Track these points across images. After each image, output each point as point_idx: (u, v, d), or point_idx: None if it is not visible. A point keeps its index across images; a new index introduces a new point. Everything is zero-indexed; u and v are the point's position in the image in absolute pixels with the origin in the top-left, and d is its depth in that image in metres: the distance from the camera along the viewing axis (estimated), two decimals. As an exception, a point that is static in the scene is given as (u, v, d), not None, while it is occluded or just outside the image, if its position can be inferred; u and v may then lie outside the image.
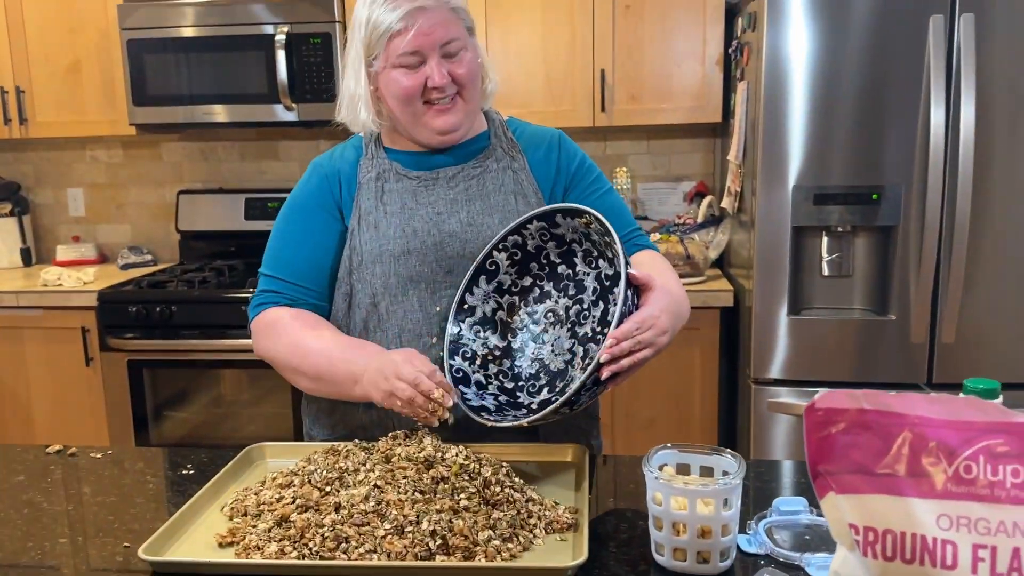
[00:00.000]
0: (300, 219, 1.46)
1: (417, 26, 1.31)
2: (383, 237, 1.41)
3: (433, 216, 1.41)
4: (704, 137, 3.29)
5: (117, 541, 1.11)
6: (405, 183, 1.44)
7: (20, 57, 3.19)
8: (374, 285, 1.41)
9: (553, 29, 2.93)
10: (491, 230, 1.40)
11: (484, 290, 1.40)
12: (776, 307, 2.48)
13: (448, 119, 1.38)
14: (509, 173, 1.45)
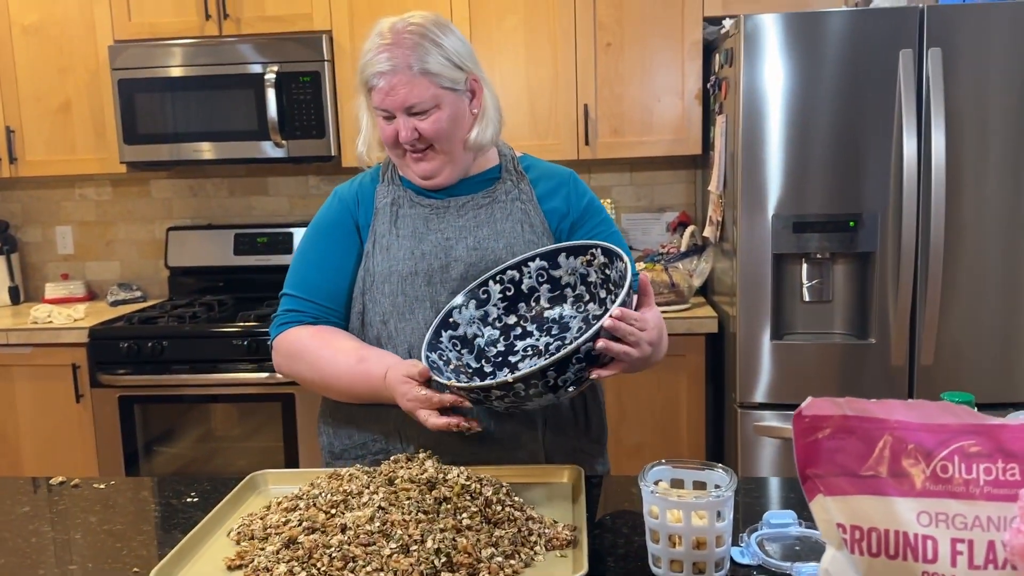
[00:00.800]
0: (322, 241, 1.56)
1: (383, 87, 1.42)
2: (393, 259, 1.49)
3: (442, 241, 1.49)
4: (685, 168, 3.37)
5: (126, 567, 1.13)
6: (418, 210, 1.52)
7: (11, 97, 3.23)
8: (384, 304, 1.49)
9: (537, 66, 3.02)
10: (496, 255, 1.47)
11: (471, 314, 1.45)
12: (759, 332, 2.54)
13: (423, 167, 1.49)
14: (517, 204, 1.53)
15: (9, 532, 1.26)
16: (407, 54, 1.40)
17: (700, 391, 2.82)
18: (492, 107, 1.53)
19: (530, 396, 1.22)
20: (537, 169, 1.59)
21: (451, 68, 1.44)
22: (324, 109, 3.03)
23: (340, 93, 3.08)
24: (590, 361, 1.22)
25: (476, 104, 1.50)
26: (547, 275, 1.44)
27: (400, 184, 1.56)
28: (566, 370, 1.20)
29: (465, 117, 1.48)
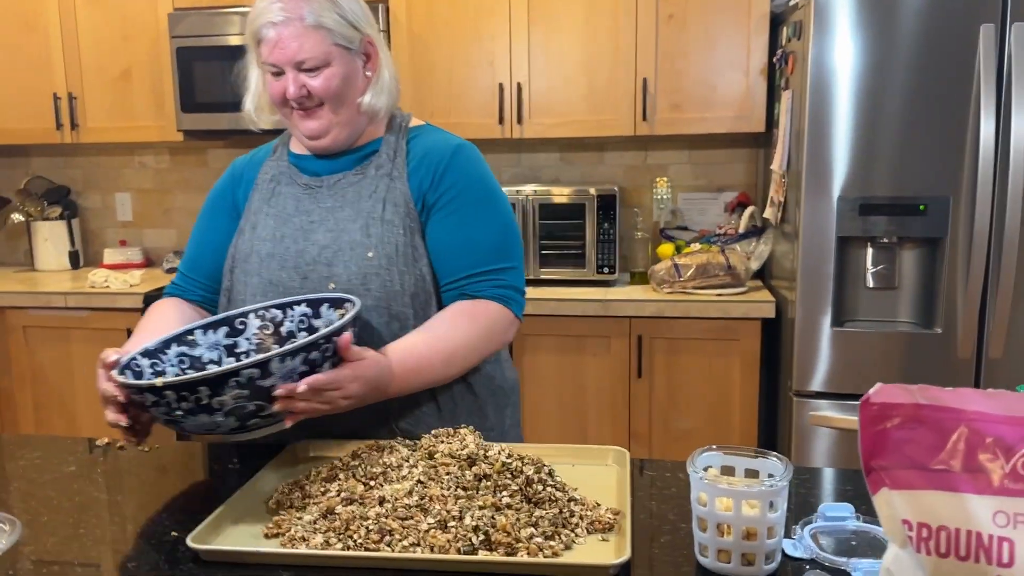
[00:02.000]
0: (204, 217, 1.57)
1: (273, 39, 1.36)
2: (257, 239, 1.46)
3: (306, 224, 1.44)
4: (747, 147, 3.27)
5: (165, 530, 1.13)
6: (294, 188, 1.48)
7: (73, 65, 3.28)
8: (245, 283, 1.46)
9: (596, 39, 2.95)
10: (350, 237, 1.41)
11: (217, 339, 1.38)
12: (819, 319, 2.45)
13: (310, 124, 1.42)
14: (385, 180, 1.44)
15: (54, 491, 1.26)
16: (300, 6, 1.35)
17: (754, 377, 2.74)
18: (388, 74, 1.46)
19: (182, 411, 1.12)
20: (423, 141, 1.48)
21: (345, 26, 1.38)
22: (379, 80, 3.00)
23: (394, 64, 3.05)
24: (263, 395, 1.13)
25: (371, 67, 1.44)
26: (308, 323, 1.37)
27: (286, 160, 1.51)
28: (221, 392, 1.11)
29: (358, 78, 1.42)
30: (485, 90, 3.03)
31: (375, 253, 1.39)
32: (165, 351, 1.33)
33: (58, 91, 3.30)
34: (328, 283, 1.40)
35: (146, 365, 1.29)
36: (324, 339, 1.15)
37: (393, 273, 1.39)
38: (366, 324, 1.39)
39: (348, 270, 1.39)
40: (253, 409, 1.14)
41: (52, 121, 3.31)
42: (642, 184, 3.34)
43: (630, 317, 2.77)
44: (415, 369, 1.32)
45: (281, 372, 1.12)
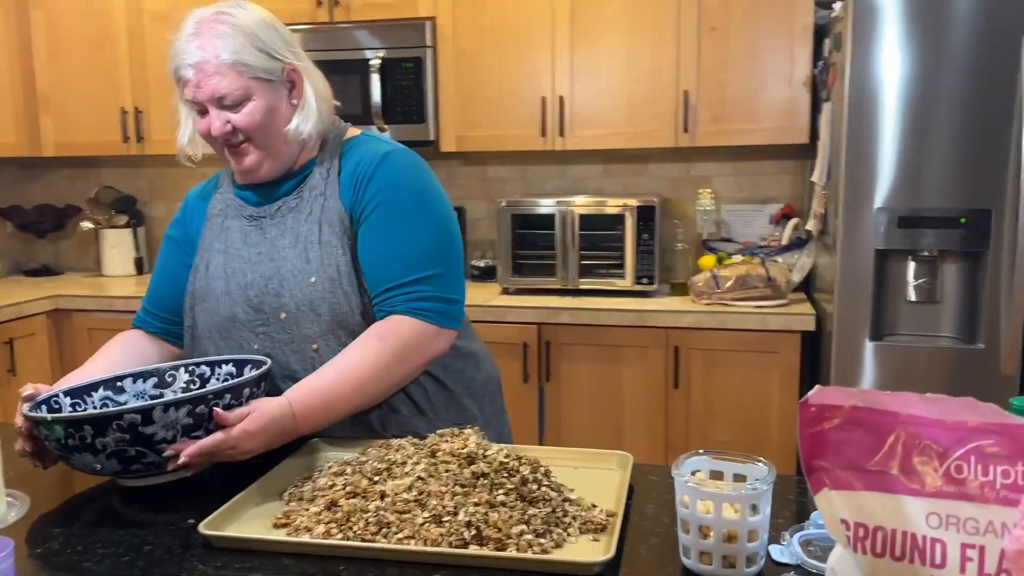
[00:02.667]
0: (162, 251, 1.60)
1: (191, 78, 1.37)
2: (211, 276, 1.49)
3: (253, 257, 1.46)
4: (792, 159, 3.24)
5: (183, 517, 1.20)
6: (239, 222, 1.50)
7: (140, 79, 3.44)
8: (206, 320, 1.48)
9: (638, 52, 2.97)
10: (291, 264, 1.43)
11: (144, 389, 1.42)
12: (858, 332, 2.43)
13: (242, 161, 1.43)
14: (320, 200, 1.45)
15: (80, 475, 1.34)
16: (216, 44, 1.36)
17: (793, 391, 2.72)
18: (316, 96, 1.46)
19: (69, 447, 1.18)
20: (353, 153, 1.48)
21: (264, 58, 1.39)
22: (425, 95, 3.08)
23: (441, 79, 3.13)
24: (145, 443, 1.18)
25: (296, 95, 1.45)
26: (232, 379, 1.38)
27: (232, 191, 1.53)
28: (104, 434, 1.16)
29: (282, 108, 1.43)
30: (528, 103, 3.08)
31: (317, 277, 1.41)
32: (91, 393, 1.39)
33: (125, 105, 3.46)
34: (280, 313, 1.42)
35: (66, 403, 1.36)
36: (212, 395, 1.21)
37: (339, 295, 1.41)
38: (327, 349, 1.41)
39: (295, 298, 1.41)
40: (134, 455, 1.19)
41: (119, 134, 3.48)
42: (686, 195, 3.34)
43: (667, 328, 2.77)
44: (323, 405, 1.33)
45: (163, 422, 1.17)
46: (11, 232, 3.90)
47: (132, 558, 1.07)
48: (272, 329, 1.43)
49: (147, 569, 1.04)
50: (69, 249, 4.04)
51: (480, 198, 3.51)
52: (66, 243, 4.03)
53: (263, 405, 1.27)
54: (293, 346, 1.42)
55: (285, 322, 1.42)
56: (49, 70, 3.52)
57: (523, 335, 2.88)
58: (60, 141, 3.57)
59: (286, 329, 1.42)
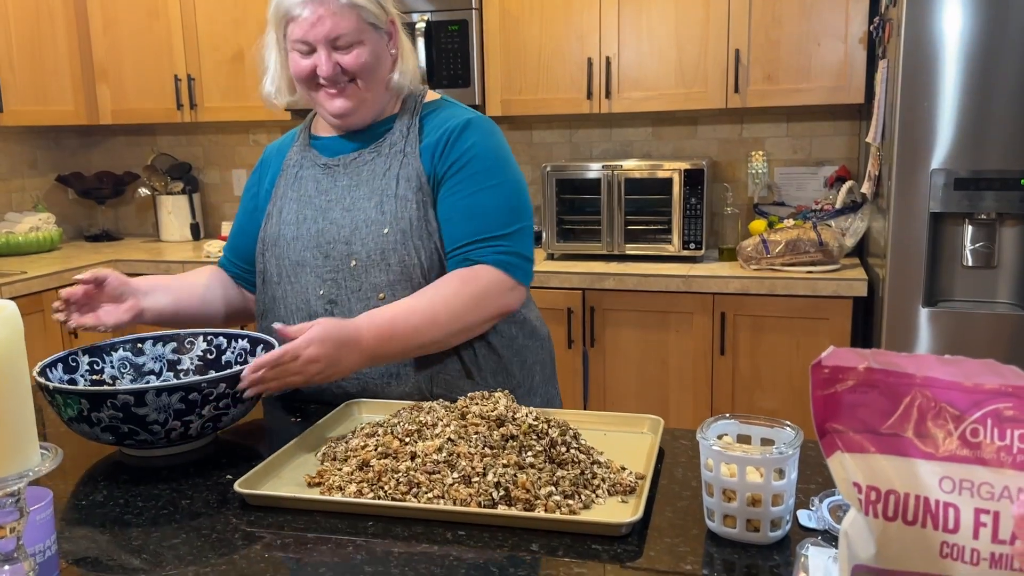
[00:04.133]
0: (241, 202, 1.67)
1: (307, 17, 1.39)
2: (283, 223, 1.53)
3: (324, 204, 1.50)
4: (847, 119, 3.15)
5: (221, 473, 1.23)
6: (314, 171, 1.54)
7: (192, 47, 3.50)
8: (275, 265, 1.54)
9: (687, 10, 2.90)
10: (366, 215, 1.46)
11: (162, 352, 1.46)
12: (911, 298, 2.36)
13: (337, 103, 1.45)
14: (399, 157, 1.48)
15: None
16: None
17: (843, 356, 2.66)
18: (409, 51, 1.51)
19: (68, 416, 1.23)
20: (435, 116, 1.51)
21: (376, 4, 1.43)
22: (470, 58, 3.07)
23: (487, 42, 3.11)
24: (138, 422, 1.21)
25: (393, 45, 1.48)
26: (245, 356, 1.44)
27: (308, 143, 1.57)
28: (99, 410, 1.19)
29: (386, 56, 1.46)
30: (574, 65, 3.04)
31: (390, 229, 1.44)
32: (111, 352, 1.44)
33: (178, 73, 3.52)
34: (350, 260, 1.46)
35: (84, 361, 1.41)
36: (206, 383, 1.23)
37: (409, 248, 1.44)
38: (393, 298, 1.45)
39: (366, 247, 1.45)
40: (127, 431, 1.22)
41: (173, 101, 3.55)
42: (737, 158, 3.28)
43: (714, 294, 2.74)
44: (390, 327, 1.36)
45: (156, 405, 1.20)
46: (73, 199, 4.02)
47: (170, 512, 1.11)
48: (340, 276, 1.47)
49: (184, 523, 1.08)
50: (128, 215, 4.15)
51: (526, 163, 3.50)
52: (125, 209, 4.14)
53: (321, 319, 1.31)
54: (360, 294, 1.46)
55: (354, 270, 1.46)
56: (104, 39, 3.60)
57: (568, 301, 2.87)
58: (117, 109, 3.65)
59: (354, 277, 1.46)
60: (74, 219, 4.07)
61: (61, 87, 3.52)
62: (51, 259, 3.39)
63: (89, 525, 1.08)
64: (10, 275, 3.01)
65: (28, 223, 3.54)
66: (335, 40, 1.41)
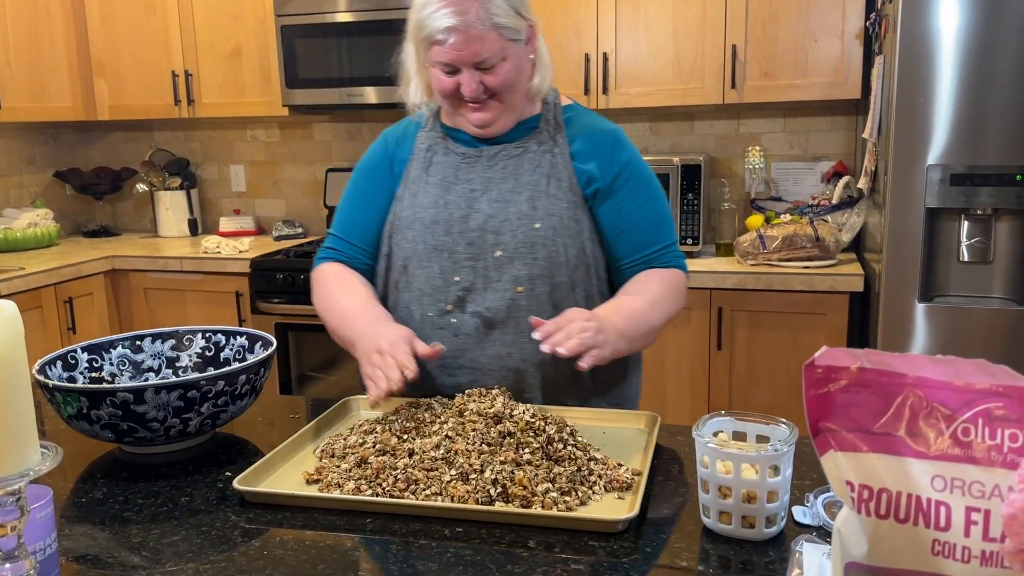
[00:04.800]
0: (360, 183, 1.61)
1: (452, 43, 1.37)
2: (419, 205, 1.51)
3: (467, 192, 1.49)
4: (844, 115, 3.16)
5: (220, 470, 1.24)
6: (451, 158, 1.52)
7: (189, 43, 3.49)
8: (406, 249, 1.51)
9: (684, 6, 2.91)
10: (516, 208, 1.46)
11: (159, 349, 1.49)
12: (907, 293, 2.37)
13: (482, 116, 1.46)
14: (548, 156, 1.49)
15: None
16: (475, 6, 1.36)
17: (840, 352, 2.67)
18: (545, 52, 1.50)
19: (67, 414, 1.24)
20: (578, 123, 1.53)
21: (515, 17, 1.40)
22: (468, 53, 3.06)
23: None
24: (137, 419, 1.22)
25: (531, 49, 1.46)
26: (243, 354, 1.46)
27: (439, 131, 1.55)
28: (99, 407, 1.20)
29: (526, 65, 1.46)
30: (571, 61, 3.05)
31: (541, 224, 1.45)
32: (110, 350, 1.46)
33: (176, 69, 3.52)
34: (495, 250, 1.45)
35: (83, 359, 1.42)
36: (205, 380, 1.24)
37: (558, 244, 1.45)
38: (531, 294, 1.45)
39: (515, 239, 1.45)
40: (126, 429, 1.23)
41: (171, 97, 3.55)
42: (734, 153, 3.28)
43: (710, 289, 2.74)
44: (618, 304, 1.43)
45: (155, 403, 1.21)
46: (70, 194, 4.02)
47: (169, 509, 1.11)
48: (481, 264, 1.46)
49: (183, 519, 1.08)
50: (126, 210, 4.15)
51: (525, 158, 3.49)
52: (123, 204, 4.14)
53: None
54: (498, 285, 1.45)
55: (499, 260, 1.45)
56: (102, 34, 3.60)
57: (566, 295, 2.87)
58: (114, 105, 3.65)
59: (497, 267, 1.45)
60: (72, 215, 4.07)
61: (59, 83, 3.51)
62: (49, 255, 3.39)
63: (89, 522, 1.09)
64: (8, 271, 3.02)
65: (26, 219, 3.54)
66: (480, 64, 1.40)
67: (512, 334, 1.45)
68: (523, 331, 1.43)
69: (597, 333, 1.30)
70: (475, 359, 1.45)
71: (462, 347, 1.46)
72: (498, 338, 1.45)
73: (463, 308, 1.46)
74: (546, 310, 1.44)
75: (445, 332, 1.47)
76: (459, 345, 1.46)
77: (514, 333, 1.45)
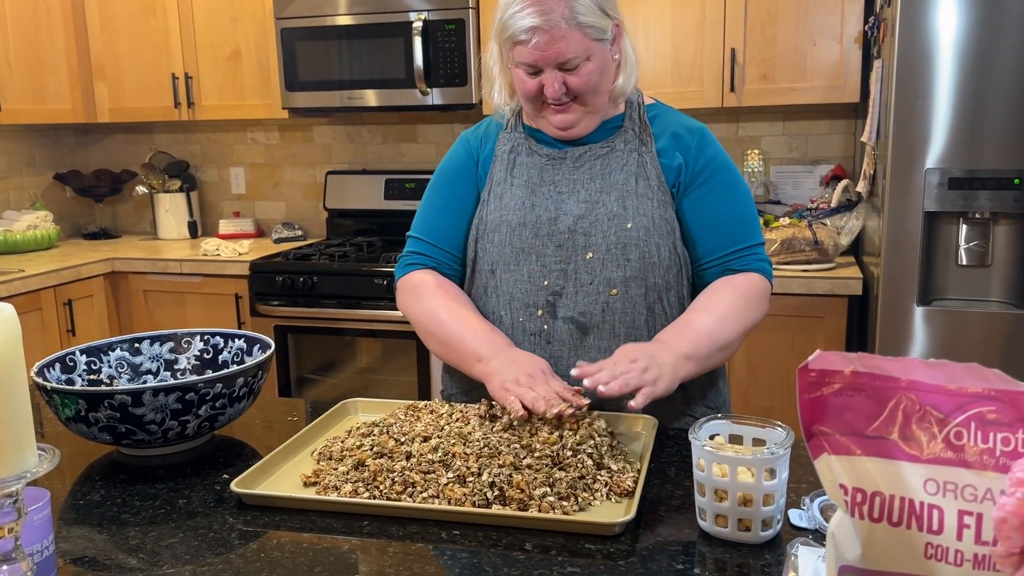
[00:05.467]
0: (445, 186, 1.57)
1: (535, 42, 1.34)
2: (505, 208, 1.47)
3: (554, 193, 1.46)
4: (844, 118, 3.16)
5: (218, 473, 1.24)
6: (535, 159, 1.49)
7: (189, 45, 3.50)
8: (493, 253, 1.48)
9: (683, 8, 2.91)
10: (607, 208, 1.43)
11: (158, 352, 1.49)
12: (905, 296, 2.37)
13: (564, 118, 1.43)
14: (635, 155, 1.45)
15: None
16: (559, 5, 1.33)
17: (838, 355, 2.67)
18: (631, 52, 1.47)
19: (65, 416, 1.24)
20: (663, 120, 1.50)
21: (601, 16, 1.37)
22: (467, 57, 3.07)
23: (484, 41, 3.11)
24: (135, 422, 1.22)
25: (616, 49, 1.43)
26: (242, 356, 1.46)
27: (522, 131, 1.53)
28: (97, 410, 1.20)
29: (610, 66, 1.42)
30: (571, 64, 3.05)
31: (633, 224, 1.42)
32: (108, 352, 1.46)
33: (176, 71, 3.53)
34: (586, 252, 1.42)
35: (81, 361, 1.42)
36: (203, 383, 1.24)
37: (651, 245, 1.42)
38: (625, 296, 1.42)
39: (607, 240, 1.41)
40: (124, 431, 1.23)
41: (171, 100, 3.55)
42: (734, 156, 3.26)
43: (710, 291, 2.74)
44: (681, 325, 1.37)
45: (153, 405, 1.21)
46: (71, 196, 4.03)
47: (167, 511, 1.12)
48: (571, 268, 1.43)
49: (181, 522, 1.09)
50: (126, 213, 4.15)
51: (524, 161, 3.49)
52: (124, 207, 4.15)
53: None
54: (590, 288, 1.42)
55: (590, 262, 1.42)
56: (102, 36, 3.60)
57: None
58: (114, 107, 3.65)
59: (588, 270, 1.42)
60: (72, 217, 4.07)
61: (58, 85, 3.52)
62: (49, 257, 3.39)
63: (86, 524, 1.09)
64: (8, 273, 3.02)
65: (26, 221, 3.54)
66: (563, 64, 1.37)
67: (608, 339, 1.42)
68: (619, 336, 1.41)
69: (644, 372, 1.25)
70: (571, 367, 1.33)
71: (557, 354, 1.42)
72: (594, 344, 1.42)
73: (554, 313, 1.43)
74: (640, 313, 1.42)
75: (538, 339, 1.44)
76: (553, 352, 1.43)
77: (610, 338, 1.42)
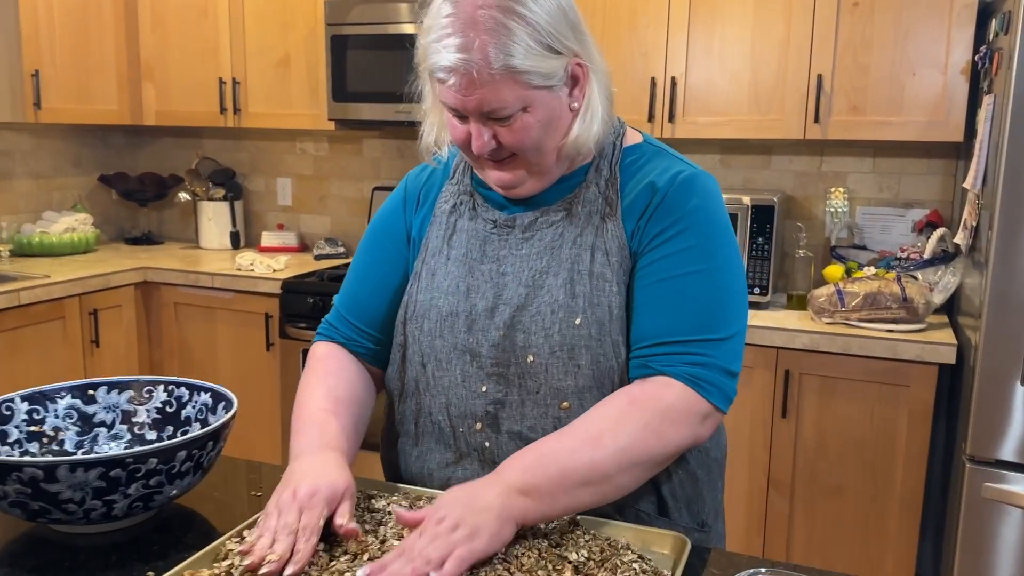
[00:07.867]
0: (372, 250, 1.29)
1: (452, 84, 1.04)
2: (436, 289, 1.19)
3: (495, 275, 1.16)
4: (943, 158, 2.80)
5: (145, 567, 1.02)
6: (478, 225, 1.20)
7: (238, 50, 3.34)
8: (423, 343, 1.19)
9: (765, 28, 2.61)
10: (551, 296, 1.12)
11: (115, 401, 1.28)
12: (1008, 369, 2.03)
13: (502, 176, 1.14)
14: (595, 219, 1.15)
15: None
16: (485, 43, 1.01)
17: (925, 432, 2.32)
18: (600, 94, 1.13)
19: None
20: (644, 168, 1.17)
21: (544, 57, 1.05)
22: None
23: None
24: (49, 499, 1.02)
25: (578, 95, 1.11)
26: (206, 413, 1.24)
27: (468, 184, 1.23)
28: (4, 482, 1.00)
29: (562, 117, 1.10)
30: (635, 84, 2.78)
31: (583, 319, 1.10)
32: (56, 400, 1.25)
33: (223, 75, 3.38)
34: (526, 356, 1.12)
35: (22, 410, 1.22)
36: (131, 458, 1.02)
37: (606, 345, 1.11)
38: (580, 410, 1.10)
39: (550, 340, 1.11)
40: (37, 509, 1.03)
41: (217, 105, 3.41)
42: (814, 194, 2.95)
43: (777, 348, 2.43)
44: (534, 448, 1.03)
45: (70, 482, 1.00)
46: (115, 199, 3.93)
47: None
48: (513, 372, 1.13)
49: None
50: (172, 219, 4.03)
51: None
52: (169, 212, 4.03)
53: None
54: (537, 398, 1.12)
55: (532, 367, 1.12)
56: (153, 38, 3.48)
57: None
58: (161, 110, 3.53)
59: (532, 376, 1.12)
60: (117, 220, 3.97)
61: (105, 85, 3.41)
62: (82, 262, 3.27)
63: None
64: (32, 278, 2.90)
65: (64, 223, 3.43)
66: (490, 113, 1.06)
67: None
68: None
69: (452, 532, 0.92)
70: None
71: None
72: None
73: (497, 427, 1.14)
74: None
75: (482, 457, 1.16)
76: None
77: None
